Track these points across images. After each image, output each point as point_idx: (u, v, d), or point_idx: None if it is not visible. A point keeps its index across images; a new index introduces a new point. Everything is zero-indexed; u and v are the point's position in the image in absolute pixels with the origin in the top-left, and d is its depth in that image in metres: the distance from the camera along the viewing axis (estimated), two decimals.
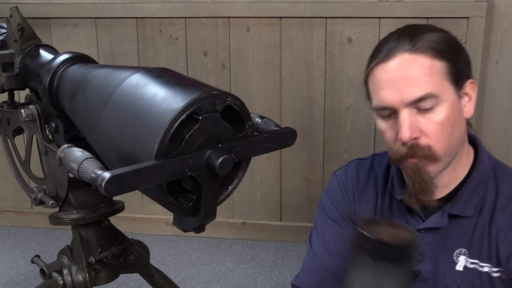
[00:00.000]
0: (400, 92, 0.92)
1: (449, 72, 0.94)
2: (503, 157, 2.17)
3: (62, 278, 1.07)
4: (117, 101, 0.80)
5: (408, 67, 0.92)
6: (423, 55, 0.92)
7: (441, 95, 0.92)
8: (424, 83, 0.91)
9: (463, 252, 0.99)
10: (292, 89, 2.22)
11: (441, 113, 0.92)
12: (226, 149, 0.76)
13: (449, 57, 0.94)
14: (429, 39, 0.94)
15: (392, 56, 0.93)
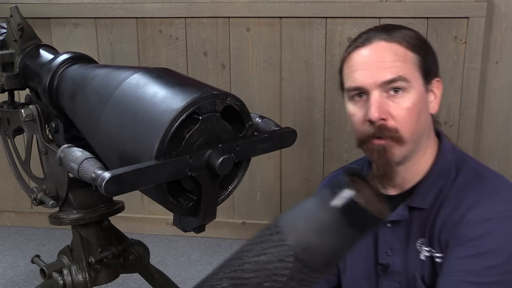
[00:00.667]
0: (373, 74, 0.97)
1: (420, 64, 1.00)
2: (503, 157, 2.17)
3: (62, 278, 1.07)
4: (117, 101, 0.80)
5: (383, 52, 0.98)
6: (397, 44, 0.99)
7: (412, 82, 0.98)
8: (397, 67, 0.97)
9: (423, 242, 1.02)
10: (292, 89, 2.22)
11: (409, 100, 0.98)
12: (226, 149, 0.76)
13: (421, 52, 1.01)
14: (404, 34, 1.01)
15: (369, 42, 1.00)
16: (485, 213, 0.94)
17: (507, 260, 0.91)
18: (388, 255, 1.05)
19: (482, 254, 0.91)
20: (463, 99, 2.11)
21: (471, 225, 0.94)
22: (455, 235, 0.95)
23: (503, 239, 0.92)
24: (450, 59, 2.08)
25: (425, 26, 2.06)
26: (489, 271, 0.90)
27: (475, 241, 0.92)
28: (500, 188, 0.98)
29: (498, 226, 0.93)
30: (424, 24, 2.06)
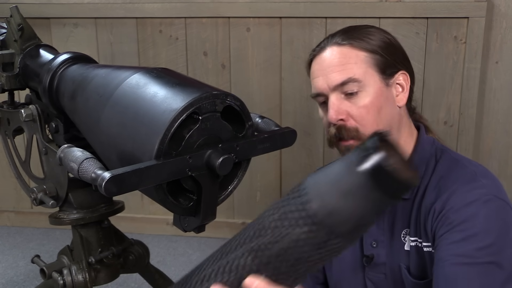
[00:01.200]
0: (327, 78, 1.02)
1: (375, 62, 1.03)
2: (503, 157, 2.17)
3: (62, 278, 1.07)
4: (117, 101, 0.80)
5: (334, 56, 1.03)
6: (349, 46, 1.03)
7: (364, 81, 1.01)
8: (347, 69, 1.01)
9: (408, 232, 1.04)
10: (292, 89, 2.22)
11: (365, 98, 1.01)
12: (226, 149, 0.76)
13: (376, 51, 1.03)
14: (361, 36, 1.04)
15: (323, 50, 1.06)
16: (467, 198, 0.96)
17: (496, 240, 0.92)
18: (373, 246, 1.07)
19: (471, 236, 0.92)
20: (463, 99, 2.10)
21: (456, 211, 0.95)
22: (442, 223, 0.96)
23: (488, 220, 0.94)
24: (450, 59, 2.08)
25: (425, 26, 2.06)
26: (481, 251, 0.91)
27: (462, 224, 0.94)
28: (478, 175, 1.01)
29: (482, 208, 0.95)
30: (424, 24, 2.06)
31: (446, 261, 0.92)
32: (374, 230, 1.07)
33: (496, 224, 0.94)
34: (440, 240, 0.95)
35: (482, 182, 0.99)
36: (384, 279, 1.07)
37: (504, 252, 0.92)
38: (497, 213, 0.95)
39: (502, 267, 0.91)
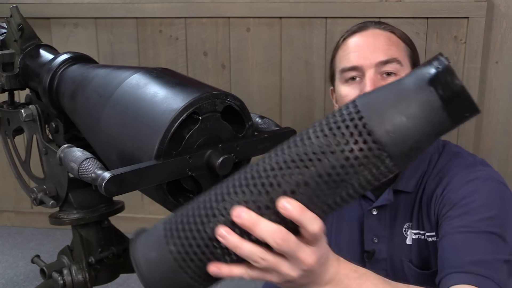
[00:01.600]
0: (369, 54, 1.03)
1: (409, 54, 1.07)
2: (503, 157, 2.17)
3: (62, 278, 1.07)
4: (117, 101, 0.80)
5: (378, 37, 1.05)
6: (391, 33, 1.06)
7: (404, 66, 1.03)
8: (391, 50, 1.03)
9: (410, 226, 1.04)
10: (292, 89, 2.22)
11: None
12: (226, 149, 0.76)
13: (411, 45, 1.08)
14: (396, 29, 1.09)
15: (365, 29, 1.07)
16: (466, 177, 0.97)
17: (499, 213, 0.92)
18: (374, 242, 1.07)
19: (473, 209, 0.92)
20: None
21: (457, 189, 0.96)
22: (443, 203, 0.97)
23: (490, 195, 0.94)
24: (450, 59, 2.08)
25: (425, 26, 2.06)
26: (483, 222, 0.90)
27: (463, 200, 0.94)
28: (477, 163, 1.02)
29: (483, 185, 0.96)
30: (424, 24, 2.06)
31: (447, 234, 0.92)
32: (375, 225, 1.07)
33: (497, 200, 0.94)
34: (443, 219, 0.95)
35: (482, 167, 1.00)
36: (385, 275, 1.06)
37: (507, 227, 0.92)
38: (499, 191, 0.96)
39: (505, 240, 0.90)
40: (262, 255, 0.58)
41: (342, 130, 0.54)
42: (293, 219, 0.56)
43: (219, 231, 0.57)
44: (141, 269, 0.61)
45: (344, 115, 0.55)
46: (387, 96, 0.54)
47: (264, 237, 0.57)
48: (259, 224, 0.56)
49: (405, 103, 0.53)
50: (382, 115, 0.53)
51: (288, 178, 0.56)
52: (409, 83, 0.54)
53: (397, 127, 0.53)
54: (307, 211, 0.56)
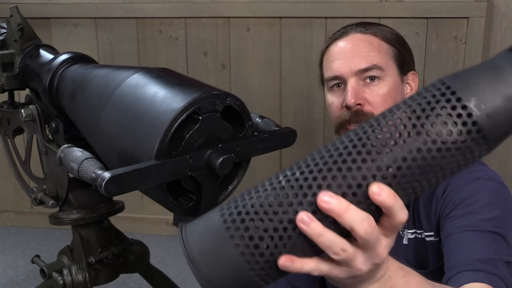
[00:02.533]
0: (349, 62, 1.03)
1: (395, 55, 1.06)
2: (503, 157, 2.17)
3: (62, 278, 1.07)
4: (117, 101, 0.80)
5: (358, 43, 1.04)
6: (373, 35, 1.05)
7: (386, 70, 1.03)
8: (371, 56, 1.03)
9: (406, 226, 1.04)
10: (292, 89, 2.22)
11: (384, 87, 1.03)
12: (226, 149, 0.76)
13: (396, 45, 1.07)
14: (381, 28, 1.07)
15: (346, 34, 1.06)
16: (467, 177, 0.97)
17: (501, 214, 0.92)
18: None
19: (476, 209, 0.92)
20: None
21: (458, 190, 0.96)
22: (445, 204, 0.96)
23: (492, 195, 0.94)
24: (450, 59, 2.08)
25: (425, 26, 2.06)
26: (486, 222, 0.90)
27: (466, 201, 0.94)
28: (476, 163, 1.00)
29: (484, 185, 0.95)
30: (424, 24, 2.06)
31: (453, 233, 0.92)
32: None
33: (499, 200, 0.94)
34: (446, 220, 0.95)
35: (481, 167, 1.00)
36: None
37: (509, 229, 0.92)
38: (500, 191, 0.96)
39: (507, 241, 0.90)
40: (344, 245, 0.52)
41: (438, 111, 0.50)
42: (385, 206, 0.51)
43: (301, 218, 0.50)
44: (198, 267, 0.54)
45: (437, 96, 0.51)
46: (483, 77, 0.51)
47: (353, 226, 0.50)
48: (349, 210, 0.50)
49: (504, 84, 0.50)
50: (481, 96, 0.50)
51: (380, 162, 0.51)
52: (504, 63, 0.51)
53: (497, 109, 0.50)
54: (398, 198, 0.51)
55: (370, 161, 0.51)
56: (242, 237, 0.52)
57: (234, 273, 0.53)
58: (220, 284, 0.54)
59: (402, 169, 0.51)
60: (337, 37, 1.07)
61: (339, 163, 0.52)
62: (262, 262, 0.53)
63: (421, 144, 0.50)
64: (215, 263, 0.54)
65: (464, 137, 0.50)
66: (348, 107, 1.02)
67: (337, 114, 1.05)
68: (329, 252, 0.52)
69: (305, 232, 0.51)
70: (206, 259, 0.54)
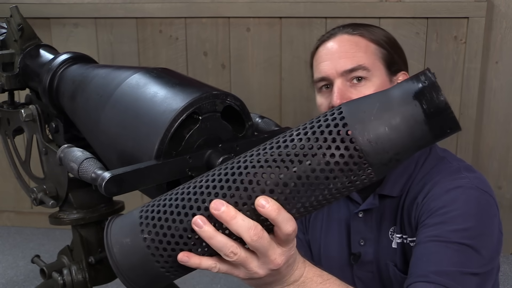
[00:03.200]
0: (335, 63, 1.03)
1: (382, 56, 1.06)
2: (503, 157, 2.17)
3: (62, 278, 1.07)
4: (117, 101, 0.80)
5: (345, 44, 1.05)
6: (360, 36, 1.05)
7: (372, 71, 1.03)
8: (357, 57, 1.03)
9: (395, 230, 1.04)
10: (292, 89, 2.22)
11: (371, 87, 1.03)
12: (226, 149, 0.76)
13: (384, 45, 1.07)
14: (369, 30, 1.07)
15: (333, 36, 1.07)
16: (448, 185, 0.97)
17: (474, 225, 0.91)
18: (361, 244, 1.07)
19: (449, 218, 0.92)
20: (463, 99, 2.11)
21: (437, 197, 0.96)
22: (423, 211, 0.97)
23: (467, 205, 0.94)
24: (450, 59, 2.08)
25: (425, 26, 2.06)
26: (455, 233, 0.90)
27: (441, 209, 0.94)
28: (462, 169, 1.01)
29: (461, 195, 0.95)
30: (424, 24, 2.06)
31: (421, 242, 0.92)
32: (361, 227, 1.07)
33: (476, 210, 0.93)
34: (420, 227, 0.96)
35: (465, 174, 0.99)
36: (372, 277, 1.07)
37: (483, 239, 0.91)
38: (478, 200, 0.95)
39: (479, 252, 0.89)
40: (234, 249, 0.59)
41: (325, 135, 0.56)
42: (270, 218, 0.57)
43: (195, 221, 0.58)
44: (113, 254, 0.61)
45: (329, 120, 0.57)
46: (372, 105, 0.56)
47: (239, 232, 0.57)
48: (236, 218, 0.57)
49: (390, 114, 0.55)
50: (366, 124, 0.55)
51: (268, 177, 0.57)
52: (395, 95, 0.56)
53: (379, 137, 0.54)
54: (283, 211, 0.57)
55: (261, 175, 0.57)
56: (150, 232, 0.60)
57: (142, 263, 0.60)
58: (131, 273, 0.61)
59: (289, 186, 0.57)
60: (325, 39, 1.08)
61: (236, 175, 0.58)
62: (166, 256, 0.60)
63: (306, 164, 0.56)
64: (127, 252, 0.61)
65: (346, 160, 0.55)
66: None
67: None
68: (222, 254, 0.59)
69: (198, 234, 0.58)
70: (120, 248, 0.61)
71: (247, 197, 0.58)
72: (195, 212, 0.59)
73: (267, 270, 0.61)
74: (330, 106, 1.03)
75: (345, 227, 1.10)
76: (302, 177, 0.56)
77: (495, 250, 0.93)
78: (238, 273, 0.62)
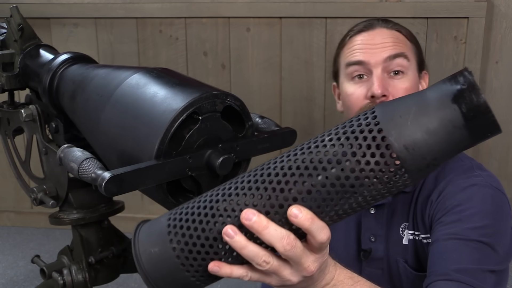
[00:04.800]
0: (377, 52, 1.03)
1: (415, 52, 1.09)
2: (503, 157, 2.17)
3: (62, 278, 1.07)
4: (117, 101, 0.80)
5: (385, 36, 1.05)
6: (398, 32, 1.07)
7: (411, 63, 1.05)
8: (399, 46, 1.04)
9: (406, 226, 1.04)
10: (292, 89, 2.22)
11: (407, 81, 1.04)
12: (226, 149, 0.76)
13: (416, 43, 1.10)
14: (400, 27, 1.10)
15: (372, 27, 1.07)
16: (463, 183, 0.97)
17: (491, 223, 0.92)
18: (371, 241, 1.07)
19: (466, 216, 0.92)
20: None
21: (452, 195, 0.96)
22: (438, 209, 0.97)
23: (484, 203, 0.94)
24: (450, 59, 2.08)
25: (425, 26, 2.06)
26: (474, 231, 0.90)
27: (457, 207, 0.94)
28: (474, 167, 1.02)
29: (477, 193, 0.95)
30: (424, 24, 2.06)
31: (438, 240, 0.92)
32: (372, 223, 1.07)
33: (491, 208, 0.94)
34: (436, 224, 0.95)
35: (479, 172, 1.00)
36: (381, 274, 1.06)
37: (499, 237, 0.92)
38: (493, 198, 0.95)
39: (496, 250, 0.90)
40: (266, 258, 0.58)
41: (359, 141, 0.53)
42: (303, 228, 0.56)
43: (226, 231, 0.57)
44: (142, 264, 0.60)
45: (362, 125, 0.54)
46: (408, 109, 0.53)
47: (272, 242, 0.56)
48: (268, 228, 0.56)
49: (427, 119, 0.52)
50: (402, 129, 0.52)
51: (300, 185, 0.55)
52: (431, 98, 0.53)
53: (417, 143, 0.52)
54: (316, 219, 0.56)
55: (293, 183, 0.55)
56: (179, 242, 0.58)
57: (172, 273, 0.59)
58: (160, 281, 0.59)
59: (322, 193, 0.54)
60: (362, 29, 1.07)
61: (266, 183, 0.56)
62: (196, 265, 0.58)
63: (339, 171, 0.53)
64: (155, 262, 0.59)
65: (382, 167, 0.52)
66: (373, 97, 1.01)
67: (358, 104, 1.04)
68: (254, 263, 0.58)
69: (229, 244, 0.57)
70: (148, 257, 0.60)
71: (278, 205, 0.56)
72: (225, 220, 0.57)
73: (300, 277, 0.60)
74: (366, 95, 1.02)
75: (354, 224, 1.10)
76: (335, 184, 0.54)
77: (509, 247, 0.93)
78: (270, 280, 0.61)
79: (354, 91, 1.04)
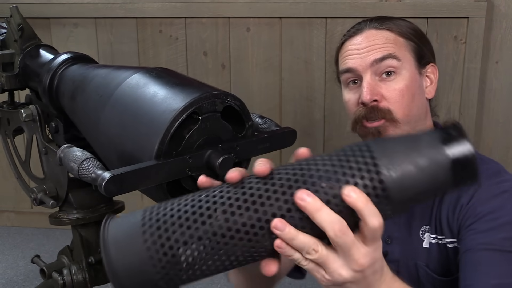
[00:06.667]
0: (364, 56, 1.01)
1: (412, 49, 1.04)
2: (503, 157, 2.17)
3: (62, 278, 1.07)
4: (117, 101, 0.80)
5: (373, 38, 1.02)
6: (388, 31, 1.03)
7: (403, 61, 1.01)
8: (387, 48, 1.01)
9: (427, 229, 1.02)
10: (292, 89, 2.22)
11: (401, 81, 1.00)
12: (226, 149, 0.76)
13: (413, 39, 1.05)
14: (397, 23, 1.05)
15: (360, 31, 1.04)
16: (494, 190, 0.95)
17: None
18: (387, 243, 1.05)
19: (499, 225, 0.91)
20: (463, 99, 2.11)
21: (482, 203, 0.94)
22: (468, 215, 0.95)
23: None
24: (450, 59, 2.08)
25: (425, 26, 2.06)
26: (508, 241, 0.89)
27: (489, 215, 0.92)
28: (500, 170, 1.00)
29: (509, 200, 0.94)
30: (424, 24, 2.06)
31: (473, 250, 0.91)
32: (389, 226, 1.04)
33: None
34: (466, 231, 0.94)
35: (506, 177, 0.98)
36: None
37: None
38: None
39: None
40: (315, 246, 0.55)
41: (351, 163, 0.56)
42: (357, 209, 0.54)
43: (275, 224, 0.54)
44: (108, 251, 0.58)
45: (356, 151, 0.57)
46: (400, 143, 0.57)
47: (323, 225, 0.54)
48: (322, 210, 0.53)
49: (417, 154, 0.56)
50: (393, 159, 0.55)
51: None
52: (424, 138, 0.57)
53: (404, 173, 0.55)
54: (371, 203, 0.54)
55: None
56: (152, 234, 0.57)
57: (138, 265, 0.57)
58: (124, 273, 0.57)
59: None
60: (352, 34, 1.05)
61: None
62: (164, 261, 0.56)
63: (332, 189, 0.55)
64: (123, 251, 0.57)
65: (369, 191, 0.55)
66: (364, 104, 1.00)
67: (353, 111, 1.04)
68: (303, 253, 0.55)
69: (280, 236, 0.54)
70: (116, 245, 0.58)
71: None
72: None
73: (350, 272, 0.56)
74: (359, 102, 1.01)
75: None
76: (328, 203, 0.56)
77: None
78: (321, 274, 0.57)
79: (350, 98, 1.05)
